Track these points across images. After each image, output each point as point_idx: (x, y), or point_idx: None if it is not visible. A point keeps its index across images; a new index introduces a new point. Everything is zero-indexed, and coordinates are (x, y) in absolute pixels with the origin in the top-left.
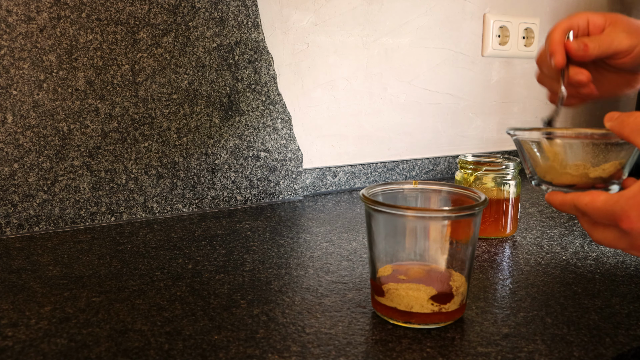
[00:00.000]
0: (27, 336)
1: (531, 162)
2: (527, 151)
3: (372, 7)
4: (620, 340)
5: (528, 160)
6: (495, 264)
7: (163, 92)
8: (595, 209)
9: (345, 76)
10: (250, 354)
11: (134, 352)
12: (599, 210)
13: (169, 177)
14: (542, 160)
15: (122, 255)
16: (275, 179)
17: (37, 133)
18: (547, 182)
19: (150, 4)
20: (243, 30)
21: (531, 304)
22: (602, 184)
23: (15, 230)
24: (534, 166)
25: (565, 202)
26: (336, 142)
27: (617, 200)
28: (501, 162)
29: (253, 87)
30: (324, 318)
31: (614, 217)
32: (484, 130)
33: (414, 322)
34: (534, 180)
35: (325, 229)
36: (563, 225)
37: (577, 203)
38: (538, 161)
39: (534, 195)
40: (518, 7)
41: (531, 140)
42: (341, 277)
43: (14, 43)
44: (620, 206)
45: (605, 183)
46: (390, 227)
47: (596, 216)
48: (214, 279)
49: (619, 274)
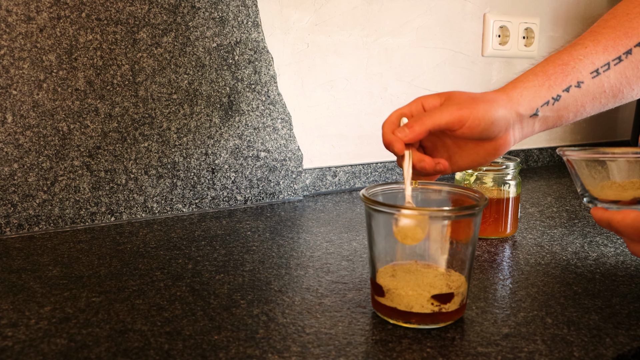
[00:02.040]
0: (27, 336)
1: (580, 181)
2: (576, 170)
3: (372, 7)
4: (620, 341)
5: (577, 178)
6: (495, 264)
7: (163, 92)
8: (626, 226)
9: (345, 76)
10: (250, 354)
11: (134, 352)
12: (630, 227)
13: (168, 177)
14: (587, 178)
15: (122, 255)
16: (275, 179)
17: (37, 133)
18: (594, 198)
19: (150, 4)
20: (243, 30)
21: (531, 304)
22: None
23: (15, 230)
24: (583, 184)
25: (603, 219)
26: (336, 142)
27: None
28: (501, 162)
29: (253, 87)
30: (324, 318)
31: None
32: None
33: (414, 322)
34: (584, 198)
35: (325, 229)
36: (563, 225)
37: (611, 221)
38: (585, 179)
39: (534, 195)
40: (518, 7)
41: (578, 160)
42: (341, 277)
43: (13, 43)
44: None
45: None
46: (391, 227)
47: (627, 232)
48: (214, 279)
49: (619, 274)
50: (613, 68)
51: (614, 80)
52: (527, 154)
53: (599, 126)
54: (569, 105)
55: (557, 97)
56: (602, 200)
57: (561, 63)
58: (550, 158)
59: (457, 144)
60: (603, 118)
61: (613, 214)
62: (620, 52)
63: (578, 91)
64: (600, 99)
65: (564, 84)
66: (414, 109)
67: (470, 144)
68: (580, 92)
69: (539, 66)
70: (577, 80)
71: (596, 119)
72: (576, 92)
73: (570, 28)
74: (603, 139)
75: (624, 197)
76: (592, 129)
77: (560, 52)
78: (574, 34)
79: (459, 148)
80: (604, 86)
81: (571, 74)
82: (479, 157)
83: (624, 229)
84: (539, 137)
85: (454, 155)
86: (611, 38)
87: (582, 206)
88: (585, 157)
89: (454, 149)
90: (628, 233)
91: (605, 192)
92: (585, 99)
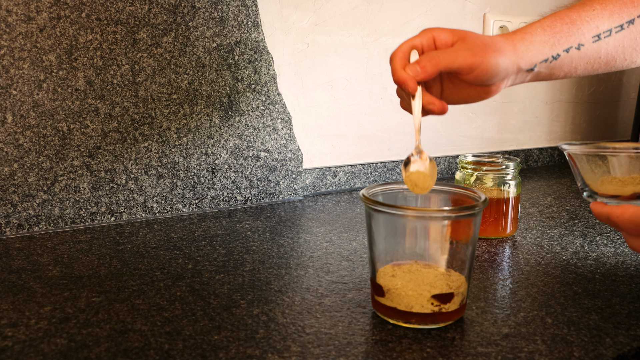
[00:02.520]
0: (27, 336)
1: (580, 175)
2: (577, 165)
3: (372, 7)
4: (620, 341)
5: (578, 173)
6: (495, 264)
7: (163, 92)
8: (625, 220)
9: (345, 76)
10: (250, 354)
11: (134, 352)
12: (629, 222)
13: (169, 177)
14: (588, 172)
15: (122, 255)
16: (275, 179)
17: (37, 133)
18: (594, 192)
19: (150, 4)
20: (243, 30)
21: (531, 304)
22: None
23: (15, 230)
24: (584, 178)
25: (602, 214)
26: (336, 142)
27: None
28: (501, 162)
29: (253, 87)
30: (324, 318)
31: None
32: (484, 130)
33: (414, 322)
34: (584, 192)
35: (325, 229)
36: (563, 225)
37: (610, 215)
38: (585, 174)
39: (534, 195)
40: (518, 7)
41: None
42: (341, 277)
43: (13, 43)
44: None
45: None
46: (390, 227)
47: (626, 227)
48: (214, 279)
49: (619, 274)
50: (614, 35)
51: (611, 47)
52: (527, 154)
53: (599, 126)
54: (563, 65)
55: (556, 56)
56: (602, 194)
57: (569, 21)
58: (550, 158)
59: (453, 82)
60: (603, 118)
61: (612, 209)
62: (623, 20)
63: (576, 53)
64: (593, 64)
65: (566, 44)
66: (425, 43)
67: (464, 84)
68: (578, 55)
69: (547, 19)
70: (579, 42)
71: (596, 119)
72: (574, 54)
73: None
74: (603, 139)
75: (623, 192)
76: (592, 129)
77: (569, 8)
78: None
79: (453, 86)
80: (601, 52)
81: (575, 34)
82: (469, 98)
83: (623, 224)
84: (539, 137)
85: (445, 91)
86: (618, 4)
87: (582, 206)
88: (586, 152)
89: (447, 85)
90: (627, 227)
91: (606, 186)
92: (580, 62)
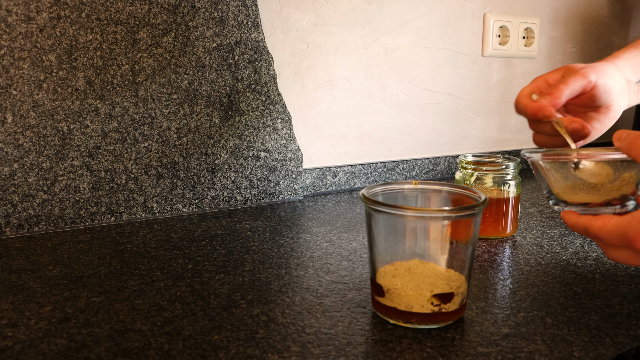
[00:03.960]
0: (27, 336)
1: (546, 183)
2: (542, 172)
3: (372, 7)
4: (620, 341)
5: (544, 180)
6: (495, 264)
7: (163, 92)
8: (608, 232)
9: (345, 76)
10: (250, 354)
11: (134, 352)
12: (612, 233)
13: (169, 177)
14: (555, 180)
15: (122, 255)
16: (275, 179)
17: (37, 133)
18: (562, 201)
19: (150, 4)
20: (243, 30)
21: (531, 304)
22: (618, 201)
23: (15, 230)
24: (550, 186)
25: (578, 224)
26: (336, 142)
27: (630, 222)
28: (501, 162)
29: (253, 87)
30: (324, 318)
31: (627, 240)
32: (484, 130)
33: (414, 322)
34: (550, 200)
35: (325, 229)
36: (563, 225)
37: (588, 227)
38: (552, 181)
39: (534, 195)
40: (518, 7)
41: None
42: (341, 277)
43: (13, 43)
44: (633, 228)
45: (622, 200)
46: (390, 227)
47: (609, 239)
48: (214, 279)
49: (619, 274)
50: None
51: None
52: None
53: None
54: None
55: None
56: (572, 202)
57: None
58: None
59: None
60: None
61: (591, 220)
62: None
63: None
64: None
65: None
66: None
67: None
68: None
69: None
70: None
71: None
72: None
73: (570, 28)
74: (603, 139)
75: (594, 200)
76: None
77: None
78: (574, 34)
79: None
80: None
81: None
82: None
83: (604, 235)
84: None
85: None
86: None
87: None
88: (549, 159)
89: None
90: (610, 239)
91: (575, 194)
92: None
